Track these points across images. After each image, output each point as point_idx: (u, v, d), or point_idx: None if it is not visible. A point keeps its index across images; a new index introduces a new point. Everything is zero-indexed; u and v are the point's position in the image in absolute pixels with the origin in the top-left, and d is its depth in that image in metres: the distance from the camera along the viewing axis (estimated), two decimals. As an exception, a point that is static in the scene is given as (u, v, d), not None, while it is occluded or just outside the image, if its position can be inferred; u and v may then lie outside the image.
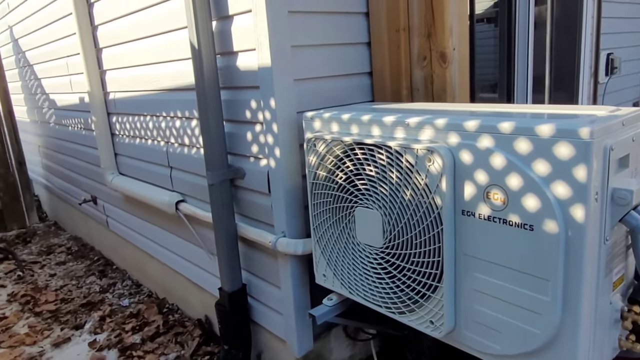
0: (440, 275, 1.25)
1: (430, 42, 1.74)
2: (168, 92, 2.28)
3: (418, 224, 1.27)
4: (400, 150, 1.26)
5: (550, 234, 1.02)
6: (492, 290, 1.17)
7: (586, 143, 0.95)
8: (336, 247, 1.55)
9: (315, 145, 1.53)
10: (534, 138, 1.03)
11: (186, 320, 2.69)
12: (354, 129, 1.44)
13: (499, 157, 1.09)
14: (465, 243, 1.20)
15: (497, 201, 1.11)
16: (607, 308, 1.11)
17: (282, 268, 1.81)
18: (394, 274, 1.38)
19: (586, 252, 1.00)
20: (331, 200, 1.53)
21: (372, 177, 1.36)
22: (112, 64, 2.74)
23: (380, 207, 1.36)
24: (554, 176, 1.01)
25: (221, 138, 1.88)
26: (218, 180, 1.89)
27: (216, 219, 1.94)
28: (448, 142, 1.19)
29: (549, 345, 1.09)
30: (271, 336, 2.04)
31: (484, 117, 1.15)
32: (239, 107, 1.84)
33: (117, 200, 3.12)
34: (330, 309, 1.64)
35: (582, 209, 0.98)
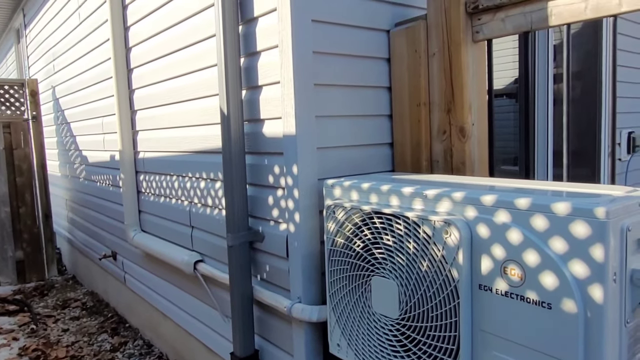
0: (457, 352, 1.22)
1: (450, 117, 1.80)
2: (195, 154, 2.38)
3: (434, 296, 1.26)
4: (418, 221, 1.29)
5: (569, 314, 1.01)
6: (510, 370, 1.13)
7: (602, 223, 0.96)
8: (351, 316, 1.54)
9: (334, 212, 1.56)
10: (550, 215, 1.04)
11: (195, 384, 2.62)
12: (373, 198, 1.48)
13: (515, 233, 1.10)
14: (483, 319, 1.18)
15: (514, 277, 1.11)
16: (632, 396, 1.06)
17: (296, 335, 1.79)
18: (409, 347, 1.35)
19: (606, 334, 0.98)
20: (348, 267, 1.53)
21: (390, 246, 1.38)
22: (144, 125, 2.88)
23: (396, 277, 1.36)
24: (571, 254, 1.01)
25: (243, 201, 1.93)
26: (238, 242, 1.92)
27: (233, 281, 1.95)
28: (465, 215, 1.21)
29: None
30: (281, 407, 1.97)
31: (501, 192, 1.17)
32: (262, 172, 1.91)
33: (136, 257, 3.17)
34: (343, 381, 1.60)
35: (600, 289, 0.97)
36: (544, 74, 3.10)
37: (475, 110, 1.78)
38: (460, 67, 1.75)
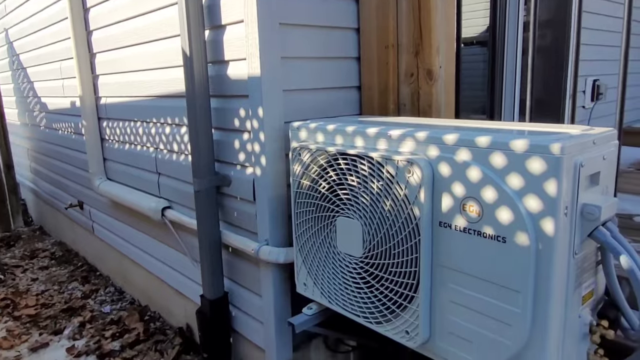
0: (416, 286, 1.27)
1: (417, 60, 1.79)
2: (159, 98, 2.31)
3: (397, 234, 1.29)
4: (382, 161, 1.29)
5: (522, 246, 1.05)
6: (465, 301, 1.19)
7: (557, 158, 0.99)
8: (317, 256, 1.57)
9: (300, 155, 1.55)
10: (508, 153, 1.06)
11: (168, 328, 2.67)
12: (339, 140, 1.47)
13: (475, 171, 1.12)
14: (442, 254, 1.22)
15: (472, 213, 1.14)
16: (576, 321, 1.13)
17: (264, 276, 1.82)
18: (372, 283, 1.39)
19: (555, 265, 1.03)
20: (314, 209, 1.55)
21: (354, 187, 1.39)
22: (104, 69, 2.76)
23: (360, 217, 1.38)
24: (526, 190, 1.04)
25: (209, 145, 1.90)
26: (204, 187, 1.91)
27: (201, 226, 1.95)
28: (428, 154, 1.22)
29: (519, 356, 1.10)
30: (251, 345, 2.03)
31: (463, 131, 1.19)
32: (228, 115, 1.87)
33: (103, 205, 3.12)
34: (310, 318, 1.65)
35: (552, 222, 1.01)
36: (514, 21, 3.07)
37: (443, 53, 1.76)
38: (429, 8, 1.71)
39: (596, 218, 1.03)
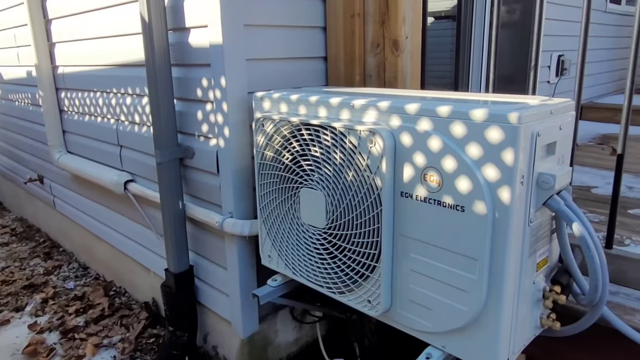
0: (378, 256, 1.28)
1: (383, 30, 1.76)
2: (119, 67, 2.22)
3: (359, 205, 1.29)
4: (344, 132, 1.28)
5: (479, 215, 1.07)
6: (425, 270, 1.21)
7: (514, 128, 1.00)
8: (281, 227, 1.56)
9: (263, 125, 1.53)
10: (468, 122, 1.06)
11: (133, 303, 2.64)
12: (302, 110, 1.45)
13: (436, 140, 1.12)
14: (403, 224, 1.23)
15: (433, 183, 1.14)
16: (530, 287, 1.17)
17: (229, 249, 1.81)
18: (335, 254, 1.40)
19: (511, 233, 1.05)
20: (277, 180, 1.53)
21: (317, 157, 1.38)
22: (61, 37, 2.64)
23: (324, 188, 1.38)
24: (484, 159, 1.05)
25: (171, 116, 1.84)
26: (167, 159, 1.86)
27: (164, 199, 1.91)
28: (390, 124, 1.22)
29: (475, 322, 1.13)
30: (217, 318, 2.03)
31: (425, 101, 1.18)
32: (190, 85, 1.81)
33: (65, 179, 3.02)
34: (274, 290, 1.65)
35: (508, 191, 1.02)
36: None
37: (409, 24, 1.75)
38: (396, -23, 1.68)
39: (551, 187, 1.05)
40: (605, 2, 4.42)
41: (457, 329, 1.17)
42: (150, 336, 2.33)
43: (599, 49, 4.41)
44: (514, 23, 3.62)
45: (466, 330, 1.16)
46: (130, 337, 2.33)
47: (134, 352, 2.24)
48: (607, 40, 4.57)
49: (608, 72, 4.83)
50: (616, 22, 4.65)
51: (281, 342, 2.05)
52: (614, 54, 4.85)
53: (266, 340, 1.99)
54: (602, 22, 4.36)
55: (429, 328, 1.23)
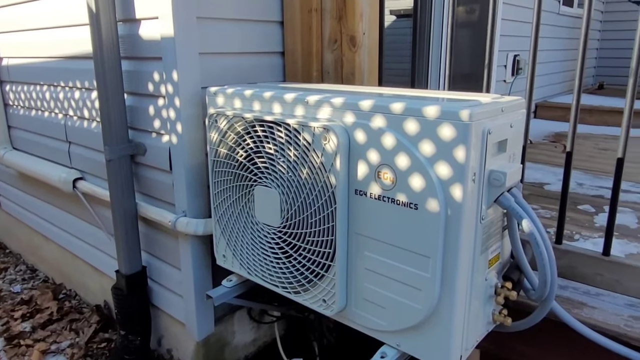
0: (333, 255, 1.26)
1: (341, 25, 1.74)
2: (67, 60, 2.12)
3: (313, 203, 1.27)
4: (299, 128, 1.26)
5: (432, 213, 1.06)
6: (380, 268, 1.19)
7: (465, 125, 0.99)
8: (236, 226, 1.52)
9: (217, 122, 1.48)
10: (421, 119, 1.06)
11: (84, 306, 2.53)
12: (256, 106, 1.41)
13: (389, 137, 1.11)
14: (358, 222, 1.22)
15: (386, 180, 1.13)
16: (483, 284, 1.18)
17: (183, 249, 1.75)
18: (290, 253, 1.37)
19: (463, 230, 1.05)
20: (231, 178, 1.49)
21: (271, 155, 1.34)
22: (6, 27, 2.49)
23: (278, 186, 1.35)
24: (437, 157, 1.04)
25: (121, 111, 1.77)
26: (117, 155, 1.78)
27: (114, 197, 1.83)
28: (344, 121, 1.20)
29: (428, 320, 1.13)
30: (172, 320, 1.97)
31: (379, 97, 1.17)
32: (141, 79, 1.74)
33: (10, 177, 2.87)
34: (229, 290, 1.61)
35: (460, 188, 1.02)
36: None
37: (367, 20, 1.73)
38: (353, -28, 1.67)
39: (502, 184, 1.06)
40: (558, 5, 4.57)
41: (411, 327, 1.16)
42: (101, 341, 2.24)
43: (552, 49, 4.55)
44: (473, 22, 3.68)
45: (420, 328, 1.16)
46: (80, 342, 2.24)
47: (84, 358, 2.15)
48: (560, 41, 4.73)
49: (561, 72, 5.00)
50: (569, 24, 4.82)
51: (238, 343, 2.01)
52: (567, 54, 5.03)
53: (223, 341, 1.95)
54: (555, 24, 4.51)
55: (383, 327, 1.22)
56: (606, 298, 1.44)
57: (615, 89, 5.79)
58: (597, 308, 1.38)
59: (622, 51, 5.92)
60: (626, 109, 1.35)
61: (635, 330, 1.27)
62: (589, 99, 4.89)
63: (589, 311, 1.37)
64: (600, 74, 6.24)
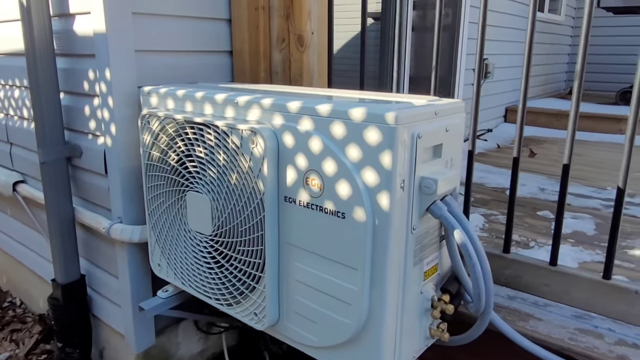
0: (263, 265, 1.18)
1: (288, 24, 1.67)
2: (6, 57, 2.01)
3: (243, 210, 1.19)
4: (227, 131, 1.18)
5: (359, 222, 0.99)
6: (310, 281, 1.12)
7: (391, 128, 0.93)
8: (169, 234, 1.44)
9: (149, 123, 1.39)
10: (348, 122, 0.99)
11: (29, 315, 2.41)
12: (188, 107, 1.33)
13: (316, 141, 1.04)
14: (288, 231, 1.15)
15: (314, 187, 1.06)
16: (418, 297, 1.11)
17: (120, 256, 1.66)
18: (222, 263, 1.29)
19: (391, 241, 0.98)
20: (164, 183, 1.41)
21: (202, 158, 1.27)
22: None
23: (209, 192, 1.27)
24: (364, 162, 0.98)
25: (55, 111, 1.67)
26: (51, 158, 1.68)
27: (49, 202, 1.73)
28: (273, 123, 1.12)
29: (359, 335, 1.06)
30: (112, 331, 1.87)
31: (308, 99, 1.10)
32: (77, 78, 1.65)
33: (-45, 179, 2.72)
34: (165, 302, 1.52)
35: (387, 196, 0.96)
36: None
37: (315, 18, 1.67)
38: (301, -31, 1.60)
39: (433, 192, 1.00)
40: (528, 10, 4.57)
41: (342, 343, 1.09)
42: (42, 352, 2.13)
43: (522, 54, 4.56)
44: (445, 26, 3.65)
45: (351, 344, 1.09)
46: (20, 353, 2.12)
47: (22, 371, 2.03)
48: (531, 46, 4.74)
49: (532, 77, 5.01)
50: (539, 29, 4.83)
51: (184, 355, 1.92)
52: (538, 59, 5.05)
53: (166, 353, 1.85)
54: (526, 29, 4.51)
55: (314, 342, 1.15)
56: (554, 309, 1.39)
57: (586, 93, 5.84)
58: (544, 320, 1.33)
59: (594, 57, 5.98)
60: (571, 113, 1.30)
61: (579, 344, 1.22)
62: (559, 103, 4.91)
63: (535, 323, 1.32)
64: (571, 79, 6.29)
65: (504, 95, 4.36)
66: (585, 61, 1.27)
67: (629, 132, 1.20)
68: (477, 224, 2.04)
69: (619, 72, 5.75)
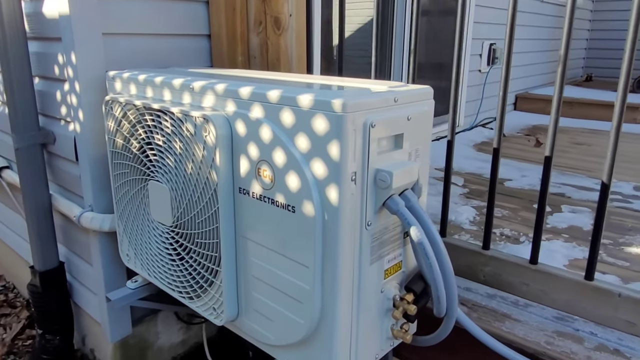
0: (219, 259, 1.13)
1: (265, 6, 1.60)
2: (-14, 40, 1.97)
3: (199, 201, 1.14)
4: (182, 118, 1.12)
5: (308, 217, 0.93)
6: (264, 276, 1.07)
7: (338, 116, 0.86)
8: (135, 224, 1.40)
9: (112, 109, 1.35)
10: (296, 109, 0.92)
11: (19, 300, 2.42)
12: (149, 92, 1.28)
13: (267, 130, 0.97)
14: (243, 224, 1.09)
15: (266, 179, 1.00)
16: (377, 297, 1.05)
17: (93, 245, 1.63)
18: (182, 255, 1.24)
19: (341, 237, 0.92)
20: (128, 171, 1.36)
21: (160, 146, 1.21)
22: None
23: (168, 181, 1.22)
24: (313, 153, 0.91)
25: (28, 96, 1.63)
26: (25, 144, 1.65)
27: (24, 188, 1.70)
28: (226, 110, 1.06)
29: (312, 336, 1.01)
30: (91, 319, 1.85)
31: (260, 84, 1.03)
32: (48, 62, 1.61)
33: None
34: (133, 292, 1.49)
35: (336, 190, 0.89)
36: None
37: (293, 0, 1.59)
38: (278, -53, 1.52)
39: (387, 186, 0.93)
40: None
41: (296, 342, 1.04)
42: (28, 337, 2.13)
43: (534, 39, 4.38)
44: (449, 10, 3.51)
45: (305, 345, 1.03)
46: (7, 338, 2.13)
47: (6, 356, 2.04)
48: (544, 30, 4.55)
49: (544, 63, 4.83)
50: (553, 12, 4.63)
51: (164, 344, 1.90)
52: (551, 44, 4.85)
53: (144, 343, 1.83)
54: (539, 12, 4.32)
55: (272, 341, 1.10)
56: (534, 310, 1.31)
57: (604, 81, 5.61)
58: (521, 321, 1.26)
59: (614, 42, 5.73)
60: (554, 100, 1.21)
61: (555, 348, 1.15)
62: (574, 91, 4.72)
63: (511, 324, 1.24)
64: (589, 65, 6.05)
65: (513, 82, 4.20)
66: (570, 46, 1.17)
67: (615, 120, 1.11)
68: (468, 216, 1.96)
69: (637, 59, 5.51)
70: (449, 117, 1.39)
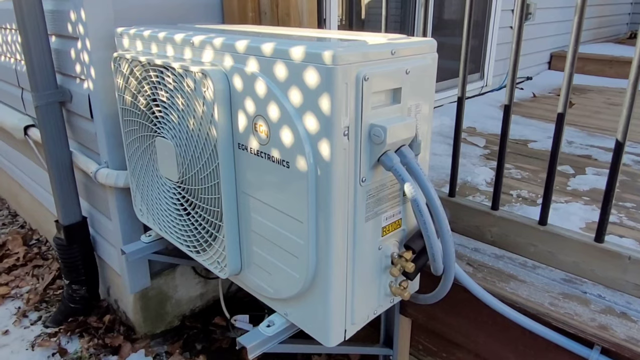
0: (222, 214, 1.15)
1: (275, -41, 1.55)
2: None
3: (201, 157, 1.15)
4: (183, 73, 1.12)
5: (301, 172, 0.93)
6: (264, 232, 1.08)
7: (328, 69, 0.84)
8: (145, 180, 1.43)
9: (120, 66, 1.36)
10: (289, 62, 0.90)
11: (50, 253, 2.55)
12: (154, 48, 1.28)
13: (261, 84, 0.96)
14: (243, 180, 1.10)
15: (262, 134, 1.00)
16: (374, 254, 1.05)
17: (110, 200, 1.69)
18: (188, 210, 1.27)
19: (334, 193, 0.91)
20: (137, 128, 1.38)
21: (165, 102, 1.22)
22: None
23: (173, 137, 1.23)
24: (305, 107, 0.90)
25: (45, 54, 1.66)
26: (44, 102, 1.70)
27: (46, 146, 1.76)
28: (224, 65, 1.05)
29: (308, 290, 1.02)
30: (113, 271, 1.94)
31: (256, 37, 1.01)
32: (62, 20, 1.62)
33: (-15, 123, 2.85)
34: (147, 246, 1.54)
35: (328, 145, 0.88)
36: None
37: (304, -49, 1.53)
38: None
39: (382, 141, 0.91)
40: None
41: (293, 296, 1.06)
42: (58, 287, 2.26)
43: (574, -8, 4.10)
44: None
45: (302, 299, 1.05)
46: (39, 288, 2.26)
47: (39, 304, 2.17)
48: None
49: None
50: (597, -37, 4.31)
51: (182, 297, 1.97)
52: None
53: (163, 295, 1.91)
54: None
55: (271, 294, 1.13)
56: (542, 271, 1.28)
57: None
58: (527, 282, 1.24)
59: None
60: (569, 55, 1.14)
61: (559, 309, 1.13)
62: (614, 48, 4.44)
63: (516, 285, 1.23)
64: (635, 22, 5.65)
65: (547, 40, 3.98)
66: None
67: (632, 76, 1.04)
68: (485, 178, 1.91)
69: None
70: (459, 73, 1.33)
